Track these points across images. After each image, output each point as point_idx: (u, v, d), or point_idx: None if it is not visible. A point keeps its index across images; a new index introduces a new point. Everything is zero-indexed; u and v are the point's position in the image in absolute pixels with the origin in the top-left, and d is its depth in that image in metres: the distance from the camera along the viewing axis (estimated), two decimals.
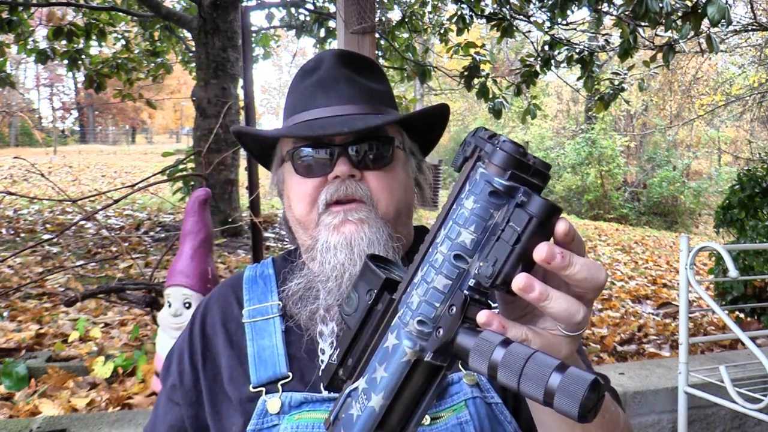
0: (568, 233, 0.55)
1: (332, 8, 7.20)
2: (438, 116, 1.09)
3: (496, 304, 0.72)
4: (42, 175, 3.92)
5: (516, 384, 0.50)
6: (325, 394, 0.93)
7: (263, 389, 0.95)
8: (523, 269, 0.54)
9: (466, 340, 0.55)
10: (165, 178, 4.37)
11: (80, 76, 8.75)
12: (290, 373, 0.96)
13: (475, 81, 6.68)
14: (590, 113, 19.09)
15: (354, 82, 1.04)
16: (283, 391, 0.94)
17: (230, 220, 6.71)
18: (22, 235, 7.18)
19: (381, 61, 7.18)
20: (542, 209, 0.53)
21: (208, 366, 1.02)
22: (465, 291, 0.56)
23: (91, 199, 8.07)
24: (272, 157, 1.12)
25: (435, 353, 0.57)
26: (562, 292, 0.55)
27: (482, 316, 0.55)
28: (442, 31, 7.71)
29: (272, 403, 0.93)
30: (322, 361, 0.97)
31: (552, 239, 0.56)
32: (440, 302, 0.56)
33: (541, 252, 0.53)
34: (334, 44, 7.63)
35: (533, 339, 0.56)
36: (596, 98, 6.81)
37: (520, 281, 0.53)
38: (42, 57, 7.62)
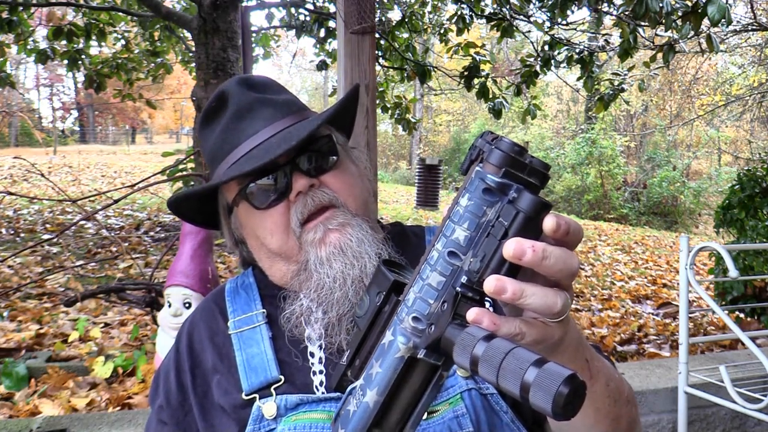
0: (557, 229, 0.54)
1: (332, 8, 7.21)
2: (353, 100, 1.10)
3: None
4: (42, 175, 3.92)
5: (495, 379, 0.50)
6: (320, 394, 0.93)
7: (256, 396, 0.94)
8: (511, 265, 0.54)
9: (453, 336, 0.54)
10: (165, 178, 4.37)
11: (80, 76, 8.76)
12: (282, 377, 0.95)
13: (475, 81, 6.68)
14: (590, 113, 19.10)
15: (267, 101, 1.03)
16: (277, 395, 0.93)
17: None
18: (22, 235, 7.18)
19: (381, 61, 7.18)
20: (530, 205, 0.53)
21: (197, 382, 1.01)
22: (457, 288, 0.56)
23: (91, 199, 8.07)
24: (216, 215, 1.10)
25: (428, 350, 0.57)
26: (537, 283, 0.55)
27: (472, 313, 0.54)
28: (442, 31, 7.71)
29: (267, 407, 0.92)
30: (312, 363, 0.96)
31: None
32: (434, 299, 0.57)
33: (508, 249, 0.52)
34: (334, 44, 7.64)
35: (527, 331, 0.56)
36: (596, 98, 6.81)
37: (490, 285, 0.53)
38: (42, 57, 7.62)
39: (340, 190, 0.99)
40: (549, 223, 0.54)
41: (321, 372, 0.96)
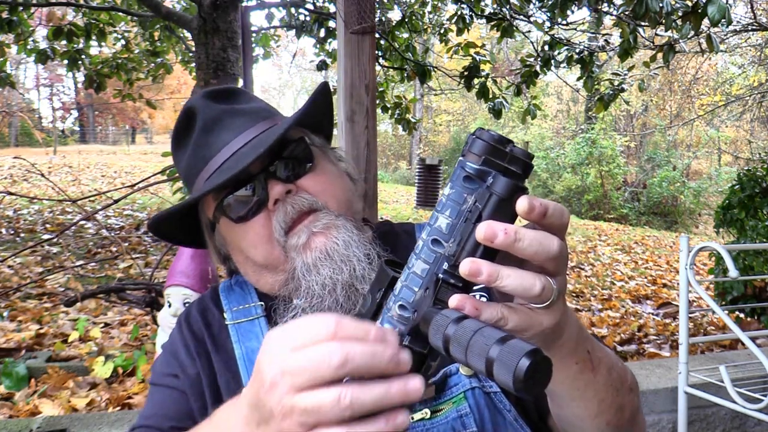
0: (530, 210, 0.53)
1: (332, 8, 7.20)
2: (323, 99, 1.07)
3: (480, 287, 0.71)
4: (42, 175, 3.92)
5: (464, 357, 0.50)
6: None
7: None
8: (485, 248, 0.54)
9: (429, 319, 0.55)
10: (165, 178, 4.37)
11: (80, 76, 8.75)
12: None
13: (475, 81, 6.67)
14: (590, 113, 19.09)
15: (235, 111, 1.01)
16: None
17: None
18: (22, 235, 7.18)
19: (381, 61, 7.18)
20: (503, 187, 0.54)
21: (204, 363, 0.98)
22: (439, 274, 0.56)
23: (91, 199, 8.08)
24: (200, 233, 1.07)
25: (412, 337, 0.57)
26: (518, 267, 0.55)
27: (454, 299, 0.54)
28: (442, 31, 7.70)
29: None
30: None
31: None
32: (418, 287, 0.57)
33: (480, 231, 0.52)
34: (334, 44, 7.63)
35: (510, 316, 0.56)
36: (596, 98, 6.81)
37: (465, 267, 0.53)
38: (42, 57, 7.61)
39: (320, 193, 0.96)
40: (522, 204, 0.53)
41: None
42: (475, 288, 0.59)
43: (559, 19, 6.07)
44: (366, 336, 0.53)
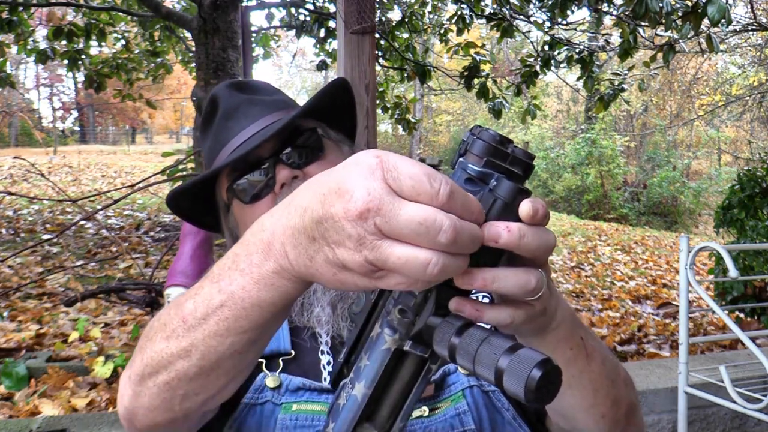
0: (534, 214, 0.53)
1: (332, 8, 7.20)
2: (342, 93, 1.10)
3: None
4: (42, 175, 3.92)
5: (472, 366, 0.50)
6: (324, 383, 0.93)
7: (263, 360, 0.94)
8: (489, 248, 0.54)
9: (433, 326, 0.54)
10: (165, 178, 4.37)
11: (80, 76, 8.76)
12: (293, 351, 0.95)
13: (475, 81, 6.68)
14: (590, 113, 19.09)
15: (255, 101, 1.07)
16: (282, 371, 0.93)
17: None
18: (22, 235, 7.18)
19: (381, 61, 7.18)
20: (507, 191, 0.53)
21: None
22: None
23: (91, 199, 8.08)
24: (218, 215, 1.11)
25: (413, 341, 0.57)
26: (509, 266, 0.55)
27: (453, 302, 0.54)
28: (442, 31, 7.71)
29: (270, 379, 0.92)
30: (320, 343, 0.97)
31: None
32: (419, 290, 0.57)
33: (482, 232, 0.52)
34: (334, 44, 7.63)
35: (514, 315, 0.56)
36: (596, 98, 6.81)
37: (459, 278, 0.53)
38: (42, 57, 7.62)
39: None
40: (526, 208, 0.53)
41: (328, 353, 0.96)
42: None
43: (559, 19, 6.08)
44: (472, 214, 0.51)
